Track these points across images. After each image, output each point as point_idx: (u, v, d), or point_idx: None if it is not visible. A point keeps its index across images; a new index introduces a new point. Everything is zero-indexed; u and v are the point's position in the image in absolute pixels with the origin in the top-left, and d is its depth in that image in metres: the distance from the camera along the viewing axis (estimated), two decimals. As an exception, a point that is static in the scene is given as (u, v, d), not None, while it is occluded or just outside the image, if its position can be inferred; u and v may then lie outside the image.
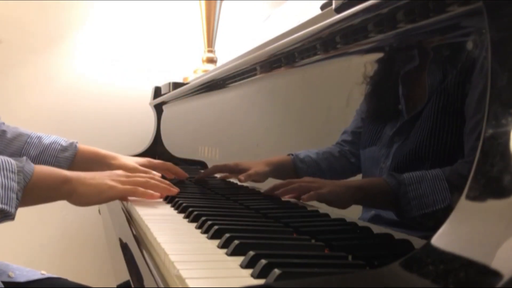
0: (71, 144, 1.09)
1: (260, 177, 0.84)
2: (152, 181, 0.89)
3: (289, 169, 0.74)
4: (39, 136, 1.08)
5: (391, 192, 0.51)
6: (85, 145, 1.11)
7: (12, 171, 0.70)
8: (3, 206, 0.67)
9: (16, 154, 1.03)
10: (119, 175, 0.87)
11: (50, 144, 1.07)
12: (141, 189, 0.85)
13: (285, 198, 0.75)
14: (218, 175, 1.08)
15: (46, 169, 0.78)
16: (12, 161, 0.71)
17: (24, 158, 0.75)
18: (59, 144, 1.08)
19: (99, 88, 1.98)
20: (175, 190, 0.90)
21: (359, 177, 0.58)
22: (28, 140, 1.07)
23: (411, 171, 0.48)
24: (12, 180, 0.69)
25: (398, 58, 0.53)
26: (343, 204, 0.62)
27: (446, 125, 0.45)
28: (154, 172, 0.98)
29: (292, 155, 0.73)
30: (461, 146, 0.42)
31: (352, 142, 0.60)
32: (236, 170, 0.93)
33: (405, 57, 0.52)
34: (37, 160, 1.04)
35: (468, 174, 0.35)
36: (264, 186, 0.83)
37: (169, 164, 1.14)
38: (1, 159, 0.70)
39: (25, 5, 1.88)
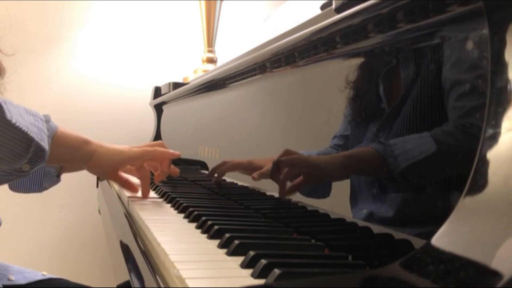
0: None
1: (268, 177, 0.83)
2: (159, 148, 0.94)
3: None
4: None
5: (378, 156, 0.54)
6: None
7: (41, 119, 0.73)
8: (40, 141, 0.69)
9: None
10: (132, 146, 0.91)
11: None
12: (160, 148, 0.90)
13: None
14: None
15: (67, 130, 0.80)
16: (38, 113, 0.74)
17: (48, 115, 0.77)
18: None
19: (99, 88, 1.98)
20: (177, 153, 0.96)
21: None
22: None
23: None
24: (42, 125, 0.72)
25: (398, 58, 0.53)
26: (336, 176, 0.64)
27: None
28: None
29: None
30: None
31: (344, 145, 0.60)
32: (249, 168, 0.92)
33: (405, 57, 0.52)
34: None
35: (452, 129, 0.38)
36: (263, 185, 0.83)
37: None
38: (30, 109, 0.73)
39: (25, 5, 1.88)
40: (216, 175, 1.03)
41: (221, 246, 0.55)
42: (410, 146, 0.50)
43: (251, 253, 0.48)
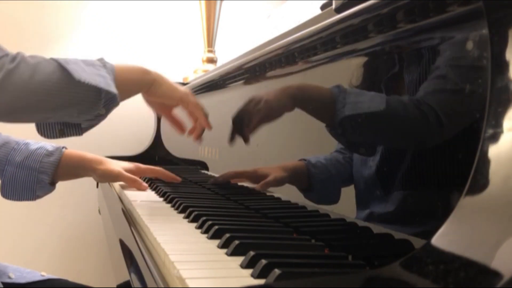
0: (57, 149, 1.07)
1: (278, 183, 0.83)
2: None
3: (302, 173, 0.73)
4: (26, 143, 1.06)
5: (330, 95, 0.60)
6: (72, 150, 1.11)
7: (99, 66, 0.79)
8: (108, 88, 0.76)
9: (2, 160, 1.03)
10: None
11: (36, 149, 1.05)
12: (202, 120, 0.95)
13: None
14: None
15: (124, 65, 0.86)
16: (94, 60, 0.81)
17: (102, 58, 0.82)
18: (44, 149, 1.06)
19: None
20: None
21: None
22: (15, 146, 1.05)
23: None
24: (104, 70, 0.79)
25: (398, 58, 0.53)
26: (286, 106, 0.70)
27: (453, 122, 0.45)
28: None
29: (305, 160, 0.72)
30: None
31: None
32: (254, 177, 0.92)
33: (405, 57, 0.52)
34: (21, 165, 1.02)
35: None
36: (279, 190, 0.83)
37: (158, 169, 1.13)
38: (86, 60, 0.79)
39: (24, 5, 1.88)
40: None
41: (221, 246, 0.55)
42: (362, 99, 0.52)
43: (251, 253, 0.48)
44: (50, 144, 1.10)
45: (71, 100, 0.75)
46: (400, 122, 0.48)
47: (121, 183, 1.09)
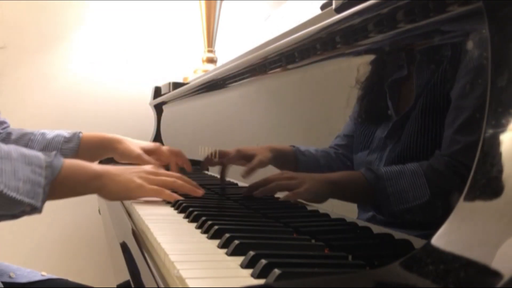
0: (74, 134, 1.09)
1: (263, 165, 0.83)
2: (179, 181, 0.88)
3: (290, 159, 0.73)
4: (42, 133, 1.09)
5: (368, 186, 0.53)
6: (89, 133, 1.12)
7: (40, 166, 0.71)
8: (30, 200, 0.69)
9: None
10: (148, 172, 0.87)
11: (53, 137, 1.08)
12: (167, 191, 0.86)
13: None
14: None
15: (75, 164, 0.78)
16: (41, 156, 0.73)
17: (54, 153, 0.76)
18: (62, 136, 1.08)
19: (99, 88, 1.97)
20: (200, 191, 0.89)
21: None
22: (31, 137, 1.07)
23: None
24: (40, 175, 0.71)
25: (398, 59, 0.53)
26: (320, 199, 0.64)
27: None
28: (177, 175, 0.93)
29: (294, 146, 0.73)
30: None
31: (346, 145, 0.60)
32: (238, 158, 0.91)
33: (405, 57, 0.52)
34: None
35: (444, 169, 0.39)
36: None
37: (177, 150, 1.14)
38: (31, 154, 0.72)
39: (25, 5, 1.88)
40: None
41: (221, 246, 0.55)
42: (403, 185, 0.47)
43: (251, 253, 0.48)
44: (65, 130, 1.11)
45: None
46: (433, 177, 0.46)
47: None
